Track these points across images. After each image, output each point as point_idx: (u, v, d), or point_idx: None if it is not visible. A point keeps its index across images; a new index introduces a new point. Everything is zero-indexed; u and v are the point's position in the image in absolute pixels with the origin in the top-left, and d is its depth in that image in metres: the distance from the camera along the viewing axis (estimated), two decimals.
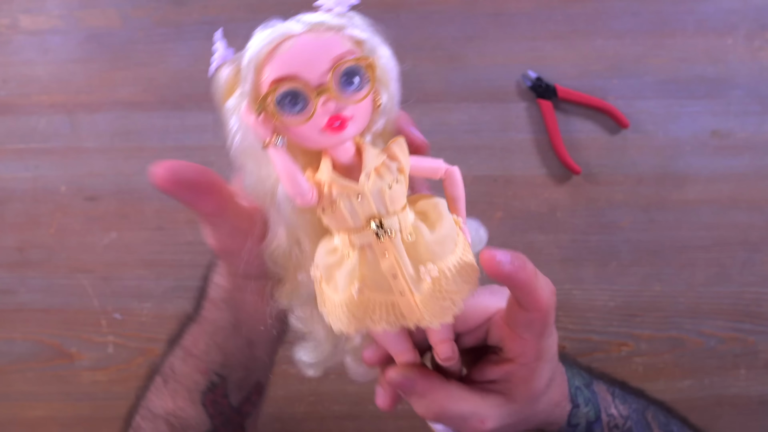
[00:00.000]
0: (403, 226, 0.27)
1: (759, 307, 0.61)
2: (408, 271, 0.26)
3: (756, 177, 0.61)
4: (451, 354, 0.31)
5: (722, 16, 0.61)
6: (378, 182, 0.26)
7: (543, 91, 0.60)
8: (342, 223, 0.27)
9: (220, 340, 0.42)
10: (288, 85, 0.25)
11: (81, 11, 0.62)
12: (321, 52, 0.25)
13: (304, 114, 0.25)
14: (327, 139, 0.26)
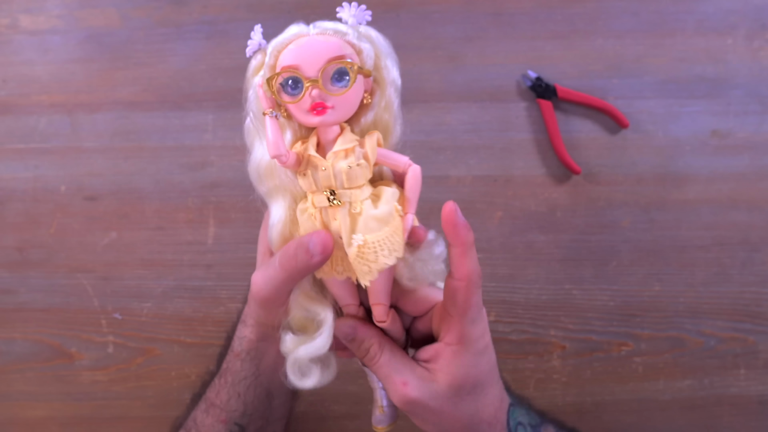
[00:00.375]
0: (354, 199, 0.34)
1: (759, 307, 0.61)
2: (345, 237, 0.34)
3: (756, 177, 0.61)
4: (384, 317, 0.38)
5: (722, 16, 0.61)
6: (342, 162, 0.33)
7: (543, 91, 0.60)
8: (309, 187, 0.34)
9: (242, 390, 0.46)
10: (290, 73, 0.33)
11: (81, 11, 0.62)
12: (321, 51, 0.33)
13: (296, 97, 0.33)
14: (312, 119, 0.33)
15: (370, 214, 0.34)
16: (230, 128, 0.61)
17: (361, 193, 0.34)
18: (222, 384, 0.47)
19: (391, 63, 0.35)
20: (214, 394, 0.48)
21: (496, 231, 0.61)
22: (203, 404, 0.48)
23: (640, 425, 0.61)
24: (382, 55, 0.35)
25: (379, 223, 0.34)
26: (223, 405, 0.47)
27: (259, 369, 0.47)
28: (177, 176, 0.61)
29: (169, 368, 0.61)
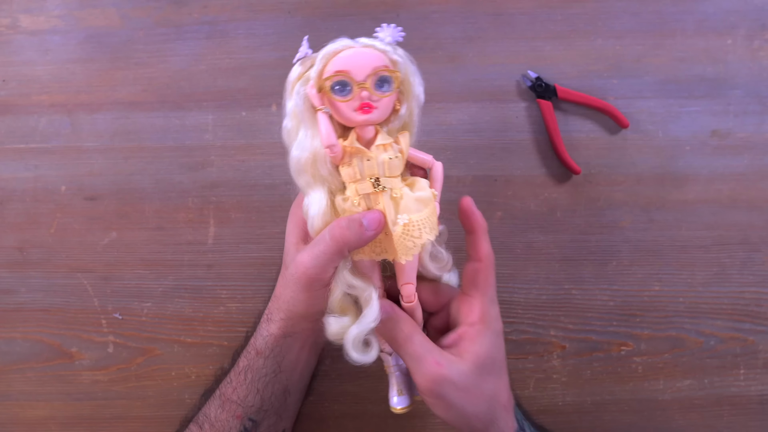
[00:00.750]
0: (394, 186, 0.40)
1: (759, 307, 0.61)
2: (390, 217, 0.39)
3: (755, 177, 0.61)
4: (412, 296, 0.43)
5: (722, 16, 0.61)
6: (383, 153, 0.39)
7: (543, 91, 0.60)
8: (353, 176, 0.40)
9: (261, 387, 0.48)
10: (342, 76, 0.38)
11: (81, 11, 0.62)
12: (368, 61, 0.39)
13: (347, 96, 0.39)
14: (358, 117, 0.39)
15: (412, 197, 0.40)
16: (230, 128, 0.61)
17: (398, 182, 0.40)
18: (241, 381, 0.49)
19: (418, 80, 0.42)
20: (231, 390, 0.49)
21: (496, 231, 0.61)
22: (217, 400, 0.50)
23: (640, 425, 0.61)
24: (410, 72, 0.41)
25: (419, 204, 0.40)
26: (240, 401, 0.48)
27: (280, 366, 0.49)
28: (177, 176, 0.61)
29: (169, 368, 0.61)
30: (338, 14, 0.61)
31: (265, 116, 0.61)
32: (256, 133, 0.61)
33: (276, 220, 0.61)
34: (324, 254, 0.41)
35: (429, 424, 0.61)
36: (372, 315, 0.41)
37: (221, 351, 0.61)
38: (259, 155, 0.61)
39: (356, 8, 0.61)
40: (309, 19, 0.61)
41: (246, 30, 0.61)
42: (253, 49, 0.61)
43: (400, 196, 0.39)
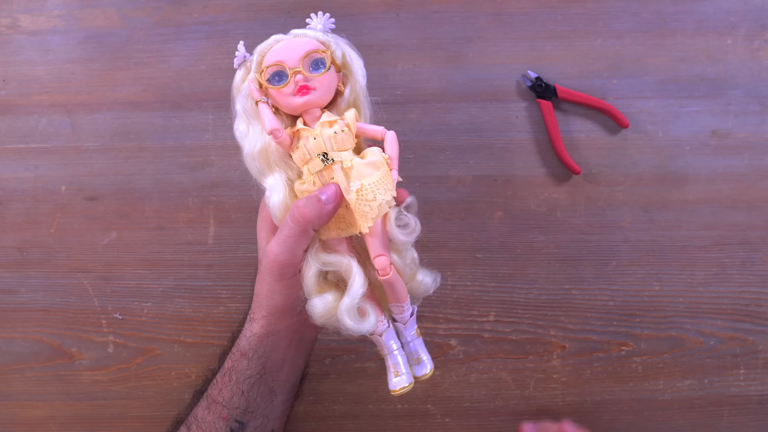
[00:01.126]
0: (343, 158, 0.40)
1: (759, 307, 0.61)
2: (344, 187, 0.40)
3: (755, 177, 0.61)
4: (387, 268, 0.41)
5: (722, 16, 0.61)
6: (328, 130, 0.40)
7: (543, 91, 0.60)
8: (303, 158, 0.41)
9: (246, 388, 0.48)
10: (276, 67, 0.40)
11: (81, 11, 0.62)
12: (299, 47, 0.41)
13: (283, 83, 0.40)
14: (297, 100, 0.40)
15: (362, 163, 0.40)
16: (230, 128, 0.60)
17: (348, 154, 0.41)
18: (225, 382, 0.48)
19: (357, 60, 0.43)
20: (217, 391, 0.48)
21: (496, 231, 0.61)
22: (204, 401, 0.49)
23: (640, 425, 0.61)
24: (347, 52, 0.42)
25: (371, 169, 0.40)
26: (225, 402, 0.48)
27: (265, 368, 0.48)
28: (177, 176, 0.61)
29: (169, 368, 0.61)
30: (338, 14, 0.61)
31: None
32: None
33: None
34: (289, 238, 0.41)
35: (429, 424, 0.61)
36: (359, 281, 0.41)
37: (221, 351, 0.61)
38: None
39: (356, 8, 0.61)
40: None
41: (246, 30, 0.61)
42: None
43: (350, 166, 0.40)
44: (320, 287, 0.43)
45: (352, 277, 0.41)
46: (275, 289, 0.44)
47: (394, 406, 0.61)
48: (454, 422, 0.61)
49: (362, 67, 0.43)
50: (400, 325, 0.44)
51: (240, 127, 0.43)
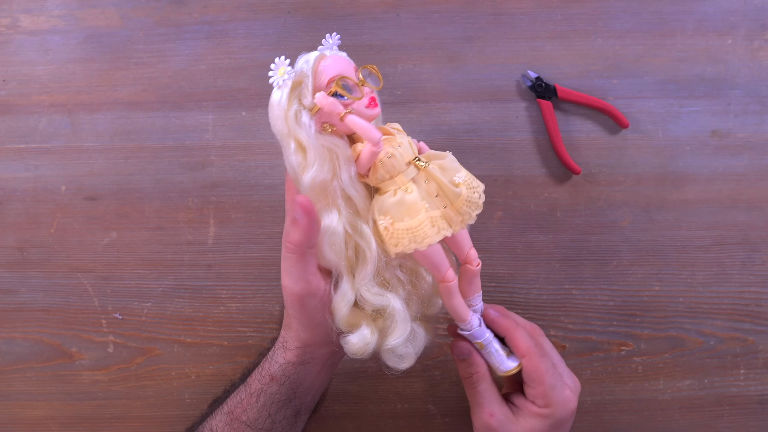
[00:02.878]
0: (427, 158, 0.40)
1: (759, 307, 0.61)
2: (447, 184, 0.39)
3: (755, 177, 0.61)
4: (477, 257, 0.44)
5: (722, 16, 0.61)
6: (403, 138, 0.40)
7: (543, 91, 0.60)
8: (394, 168, 0.39)
9: (273, 411, 0.48)
10: (344, 80, 0.38)
11: (81, 11, 0.62)
12: (347, 62, 0.40)
13: (358, 95, 0.38)
14: (371, 112, 0.39)
15: (445, 162, 0.40)
16: (230, 128, 0.61)
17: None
18: (252, 402, 0.47)
19: None
20: (241, 410, 0.48)
21: (496, 231, 0.61)
22: (225, 416, 0.48)
23: (640, 425, 0.61)
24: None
25: (453, 162, 0.41)
26: (250, 422, 0.47)
27: (296, 393, 0.47)
28: (177, 176, 0.61)
29: (169, 368, 0.61)
30: (338, 14, 0.61)
31: (265, 116, 0.61)
32: (256, 133, 0.61)
33: (276, 220, 0.61)
34: (293, 267, 0.40)
35: (429, 425, 0.61)
36: (402, 329, 0.41)
37: (221, 351, 0.61)
38: (259, 155, 0.61)
39: (356, 8, 0.61)
40: (309, 19, 0.61)
41: (246, 30, 0.61)
42: (253, 49, 0.61)
43: (438, 166, 0.40)
44: (353, 317, 0.41)
45: (396, 323, 0.41)
46: (303, 322, 0.43)
47: (394, 406, 0.61)
48: (454, 422, 0.61)
49: None
50: (478, 314, 0.46)
51: (295, 156, 0.39)
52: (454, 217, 0.40)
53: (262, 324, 0.61)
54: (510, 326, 0.45)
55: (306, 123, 0.38)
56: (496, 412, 0.44)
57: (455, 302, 0.43)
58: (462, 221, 0.40)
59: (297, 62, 0.39)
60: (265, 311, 0.61)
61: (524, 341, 0.44)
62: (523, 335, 0.45)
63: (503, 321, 0.45)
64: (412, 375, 0.60)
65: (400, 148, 0.39)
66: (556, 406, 0.43)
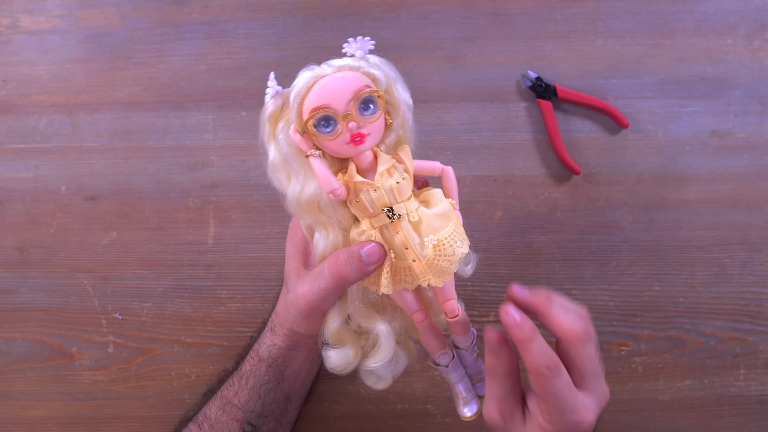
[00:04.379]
0: (408, 210, 0.37)
1: (759, 307, 0.61)
2: (414, 243, 0.37)
3: (755, 177, 0.61)
4: (456, 310, 0.41)
5: (722, 16, 0.61)
6: (388, 179, 0.37)
7: (543, 91, 0.60)
8: (364, 211, 0.37)
9: (263, 393, 0.49)
10: (323, 112, 0.35)
11: (81, 11, 0.62)
12: (345, 87, 0.35)
13: (335, 133, 0.35)
14: (351, 150, 0.36)
15: (431, 215, 0.37)
16: (230, 128, 0.61)
17: (412, 204, 0.38)
18: (242, 385, 0.49)
19: (401, 85, 0.39)
20: (233, 393, 0.49)
21: (496, 231, 0.61)
22: (219, 401, 0.50)
23: (640, 425, 0.61)
24: (390, 79, 0.38)
25: (443, 220, 0.38)
26: (241, 405, 0.49)
27: (283, 375, 0.49)
28: (177, 176, 0.61)
29: (169, 368, 0.61)
30: (338, 14, 0.61)
31: None
32: (256, 133, 0.61)
33: (276, 220, 0.61)
34: (324, 290, 0.40)
35: (429, 425, 0.61)
36: (386, 354, 0.40)
37: (221, 351, 0.61)
38: (259, 155, 0.61)
39: (356, 8, 0.61)
40: (309, 19, 0.61)
41: (246, 30, 0.61)
42: (253, 49, 0.61)
43: (418, 220, 0.37)
44: (341, 333, 0.42)
45: (380, 347, 0.41)
46: (300, 323, 0.45)
47: (394, 407, 0.61)
48: (454, 422, 0.61)
49: (408, 94, 0.39)
50: (463, 352, 0.43)
51: (277, 174, 0.39)
52: (425, 272, 0.38)
53: (262, 324, 0.61)
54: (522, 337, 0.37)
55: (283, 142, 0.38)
56: (506, 412, 0.39)
57: (423, 339, 0.43)
58: (436, 277, 0.38)
59: (297, 78, 0.36)
60: (265, 311, 0.61)
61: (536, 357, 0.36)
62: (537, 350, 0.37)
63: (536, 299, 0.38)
64: (412, 375, 0.61)
65: (375, 193, 0.36)
66: (560, 427, 0.38)
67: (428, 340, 0.42)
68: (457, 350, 0.44)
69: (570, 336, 0.37)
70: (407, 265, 0.38)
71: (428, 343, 0.43)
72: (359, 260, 0.37)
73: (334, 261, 0.39)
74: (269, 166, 0.39)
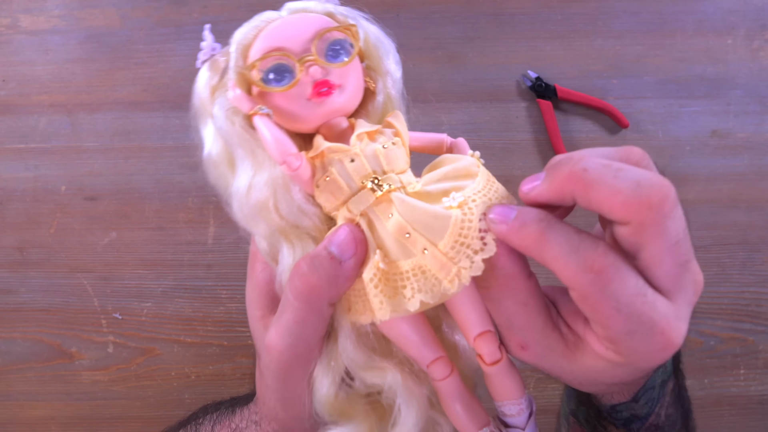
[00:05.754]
0: (405, 183, 0.24)
1: (759, 307, 0.61)
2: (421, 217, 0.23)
3: (755, 177, 0.61)
4: (497, 351, 0.25)
5: (722, 16, 0.61)
6: (371, 144, 0.25)
7: (543, 91, 0.60)
8: (338, 194, 0.24)
9: None
10: (274, 58, 0.25)
11: (81, 11, 0.62)
12: (305, 25, 0.25)
13: (290, 81, 0.25)
14: (315, 109, 0.25)
15: (441, 174, 0.24)
16: None
17: (410, 177, 0.25)
18: None
19: (384, 38, 0.29)
20: None
21: None
22: None
23: None
24: (370, 32, 0.28)
25: (462, 178, 0.24)
26: None
27: None
28: (177, 176, 0.61)
29: (169, 368, 0.61)
30: None
31: None
32: None
33: None
34: (294, 323, 0.25)
35: None
36: (410, 425, 0.25)
37: (221, 351, 0.61)
38: None
39: (356, 8, 0.61)
40: None
41: None
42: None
43: (421, 190, 0.24)
44: (341, 404, 0.26)
45: (401, 412, 0.25)
46: (285, 398, 0.29)
47: None
48: None
49: (395, 51, 0.29)
50: (517, 430, 0.26)
51: (215, 160, 0.28)
52: (450, 262, 0.22)
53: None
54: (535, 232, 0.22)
55: (222, 113, 0.26)
56: (531, 343, 0.24)
57: (449, 411, 0.26)
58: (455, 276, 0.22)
59: (242, 26, 0.28)
60: None
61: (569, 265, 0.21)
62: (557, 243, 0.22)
63: (565, 170, 0.22)
64: None
65: (352, 164, 0.24)
66: (634, 357, 0.23)
67: (457, 411, 0.26)
68: (508, 429, 0.26)
69: (628, 214, 0.21)
70: (417, 265, 0.23)
71: (458, 417, 0.26)
72: (328, 258, 0.24)
73: (295, 274, 0.25)
74: (205, 158, 0.29)
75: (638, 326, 0.22)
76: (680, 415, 0.37)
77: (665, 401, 0.34)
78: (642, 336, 0.22)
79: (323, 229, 0.26)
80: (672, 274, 0.22)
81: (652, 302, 0.22)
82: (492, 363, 0.25)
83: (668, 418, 0.35)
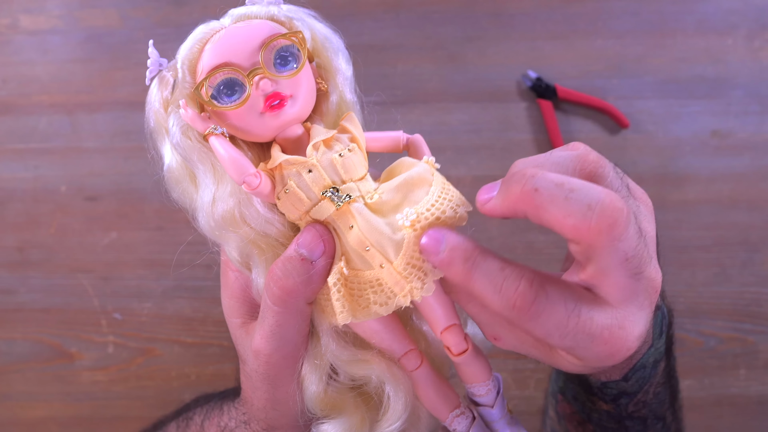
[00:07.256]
0: (364, 192, 0.25)
1: (759, 307, 0.61)
2: (378, 233, 0.24)
3: (756, 177, 0.61)
4: (463, 342, 0.27)
5: (722, 16, 0.61)
6: (327, 153, 0.25)
7: (543, 91, 0.60)
8: (299, 205, 0.25)
9: None
10: (222, 74, 0.25)
11: (81, 11, 0.62)
12: (250, 36, 0.26)
13: (241, 98, 0.25)
14: (269, 122, 0.25)
15: (398, 185, 0.25)
16: None
17: (368, 184, 0.25)
18: None
19: (331, 34, 0.28)
20: None
21: (496, 231, 0.61)
22: None
23: None
24: (317, 30, 0.27)
25: (418, 187, 0.24)
26: None
27: None
28: None
29: (169, 368, 0.61)
30: (338, 14, 0.61)
31: None
32: None
33: None
34: (277, 326, 0.27)
35: None
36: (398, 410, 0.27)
37: (221, 351, 0.61)
38: None
39: (356, 8, 0.61)
40: None
41: None
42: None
43: (379, 199, 0.25)
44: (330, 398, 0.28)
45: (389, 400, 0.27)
46: (276, 398, 0.30)
47: None
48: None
49: (344, 48, 0.28)
50: (487, 409, 0.29)
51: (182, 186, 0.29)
52: (403, 279, 0.24)
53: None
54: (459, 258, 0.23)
55: (178, 131, 0.27)
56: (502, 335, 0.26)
57: (423, 397, 0.28)
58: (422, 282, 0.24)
59: (187, 40, 0.28)
60: None
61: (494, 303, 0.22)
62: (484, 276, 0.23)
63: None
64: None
65: (309, 175, 0.25)
66: (588, 362, 0.24)
67: (430, 397, 0.28)
68: (478, 407, 0.29)
69: (578, 236, 0.21)
70: (375, 278, 0.24)
71: (431, 402, 0.28)
72: (299, 260, 0.25)
73: (271, 280, 0.26)
74: (166, 174, 0.29)
75: (577, 342, 0.22)
76: (668, 394, 0.38)
77: (655, 380, 0.36)
78: (584, 349, 0.23)
79: (290, 235, 0.27)
80: (619, 285, 0.22)
81: (587, 319, 0.22)
82: (459, 353, 0.27)
83: (656, 396, 0.36)
